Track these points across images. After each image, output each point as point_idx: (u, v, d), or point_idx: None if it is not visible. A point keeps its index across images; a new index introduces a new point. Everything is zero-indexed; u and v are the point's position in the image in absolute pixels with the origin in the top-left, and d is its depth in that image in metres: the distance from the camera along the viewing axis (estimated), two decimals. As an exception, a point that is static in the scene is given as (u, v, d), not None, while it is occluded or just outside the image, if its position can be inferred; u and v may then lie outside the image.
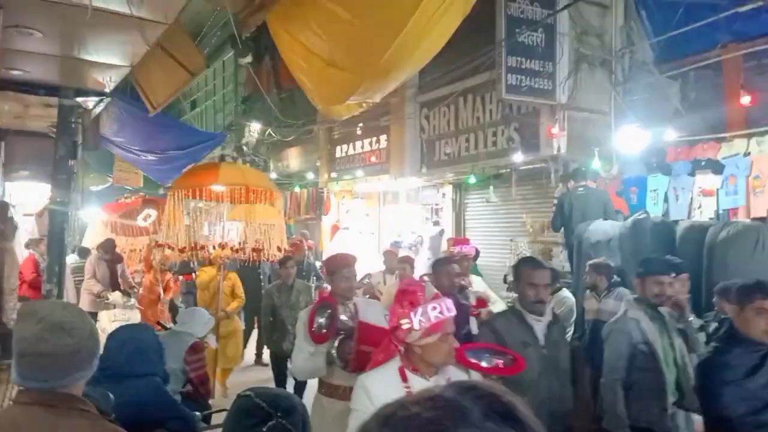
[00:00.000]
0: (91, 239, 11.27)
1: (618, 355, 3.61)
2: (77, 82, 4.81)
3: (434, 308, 2.31)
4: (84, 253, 9.51)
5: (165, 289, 8.58)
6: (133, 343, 2.52)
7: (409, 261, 6.64)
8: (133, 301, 7.80)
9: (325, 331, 3.23)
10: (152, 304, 8.32)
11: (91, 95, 5.21)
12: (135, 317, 7.31)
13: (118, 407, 2.02)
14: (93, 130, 6.94)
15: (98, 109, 6.08)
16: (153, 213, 10.08)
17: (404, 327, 2.33)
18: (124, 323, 6.38)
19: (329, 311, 3.27)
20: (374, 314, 3.44)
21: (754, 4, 6.05)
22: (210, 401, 4.85)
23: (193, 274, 10.11)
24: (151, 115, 7.64)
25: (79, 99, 5.12)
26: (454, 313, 2.40)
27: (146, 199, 10.63)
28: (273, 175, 12.98)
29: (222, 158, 7.45)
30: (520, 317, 3.33)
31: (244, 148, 12.53)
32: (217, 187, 6.13)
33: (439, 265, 4.91)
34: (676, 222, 6.10)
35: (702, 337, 4.14)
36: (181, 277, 9.32)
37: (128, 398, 2.20)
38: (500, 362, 2.52)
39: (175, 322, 5.63)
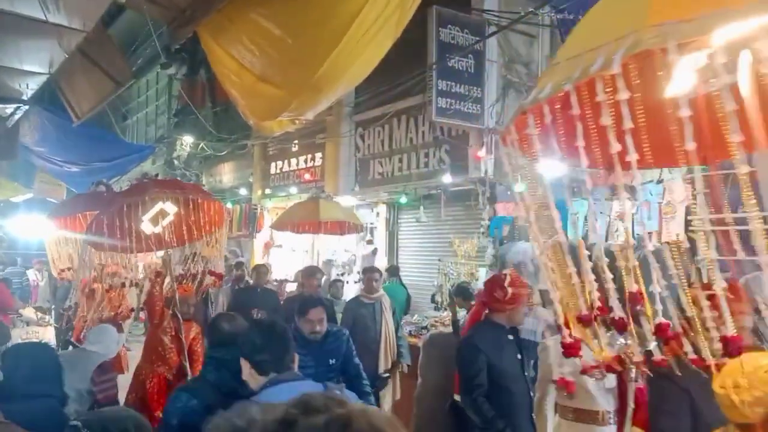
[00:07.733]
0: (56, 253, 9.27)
1: None
2: (-9, 87, 4.61)
3: None
4: None
5: (191, 354, 4.80)
6: (29, 362, 2.40)
7: None
8: (48, 318, 7.38)
9: None
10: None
11: (7, 102, 4.98)
12: (48, 335, 6.91)
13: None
14: (10, 139, 6.63)
15: (16, 117, 5.80)
16: (171, 209, 5.15)
17: None
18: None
19: None
20: None
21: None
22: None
23: None
24: (74, 125, 7.39)
25: (-7, 105, 4.90)
26: None
27: (158, 182, 5.54)
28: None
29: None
30: None
31: (175, 162, 12.24)
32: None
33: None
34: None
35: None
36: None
37: (20, 419, 2.09)
38: None
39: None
